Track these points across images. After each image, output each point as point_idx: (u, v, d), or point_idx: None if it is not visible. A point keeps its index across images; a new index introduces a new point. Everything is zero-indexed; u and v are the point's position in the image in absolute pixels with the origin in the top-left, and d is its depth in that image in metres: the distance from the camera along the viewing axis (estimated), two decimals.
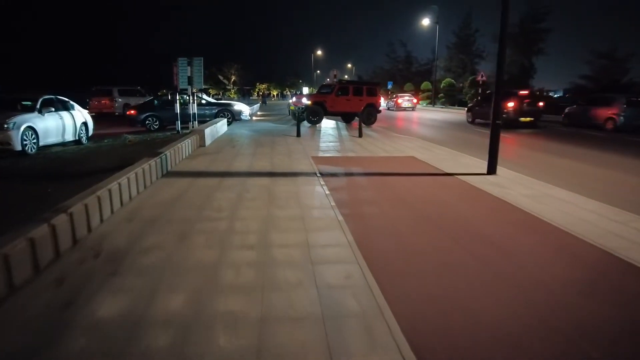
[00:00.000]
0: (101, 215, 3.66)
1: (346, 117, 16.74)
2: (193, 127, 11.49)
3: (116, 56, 26.78)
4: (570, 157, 8.39)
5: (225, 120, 12.52)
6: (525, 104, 15.50)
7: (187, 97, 12.74)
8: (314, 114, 14.99)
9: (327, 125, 15.43)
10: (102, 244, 3.14)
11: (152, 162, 5.30)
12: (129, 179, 4.40)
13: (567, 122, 16.28)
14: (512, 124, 14.75)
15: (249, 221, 3.76)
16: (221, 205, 4.28)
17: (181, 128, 12.04)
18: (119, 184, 4.13)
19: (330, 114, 15.72)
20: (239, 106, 15.17)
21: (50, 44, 22.81)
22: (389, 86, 56.35)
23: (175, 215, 3.91)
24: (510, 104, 15.21)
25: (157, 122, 13.32)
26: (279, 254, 2.99)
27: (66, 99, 9.73)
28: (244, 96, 45.83)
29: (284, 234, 3.43)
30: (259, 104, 32.50)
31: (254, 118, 19.30)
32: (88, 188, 3.74)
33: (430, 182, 5.65)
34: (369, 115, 15.46)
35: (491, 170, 6.20)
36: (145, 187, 4.91)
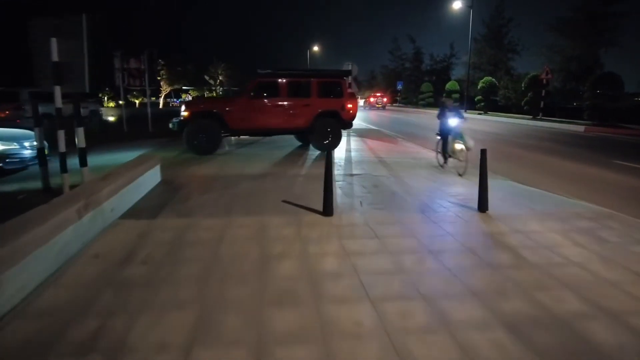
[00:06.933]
0: None
1: (302, 136, 9.52)
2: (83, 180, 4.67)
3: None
4: None
5: (152, 170, 5.16)
6: (377, 99, 38.47)
7: None
8: (201, 134, 7.74)
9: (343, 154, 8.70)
10: None
11: None
12: None
13: None
14: (373, 109, 37.12)
15: None
16: None
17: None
18: None
19: (239, 133, 8.58)
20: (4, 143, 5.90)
21: None
22: (399, 87, 50.02)
23: None
24: (372, 99, 39.78)
25: None
26: None
27: None
28: None
29: None
30: None
31: (233, 139, 12.10)
32: None
33: None
34: (328, 133, 8.44)
35: None
36: None
